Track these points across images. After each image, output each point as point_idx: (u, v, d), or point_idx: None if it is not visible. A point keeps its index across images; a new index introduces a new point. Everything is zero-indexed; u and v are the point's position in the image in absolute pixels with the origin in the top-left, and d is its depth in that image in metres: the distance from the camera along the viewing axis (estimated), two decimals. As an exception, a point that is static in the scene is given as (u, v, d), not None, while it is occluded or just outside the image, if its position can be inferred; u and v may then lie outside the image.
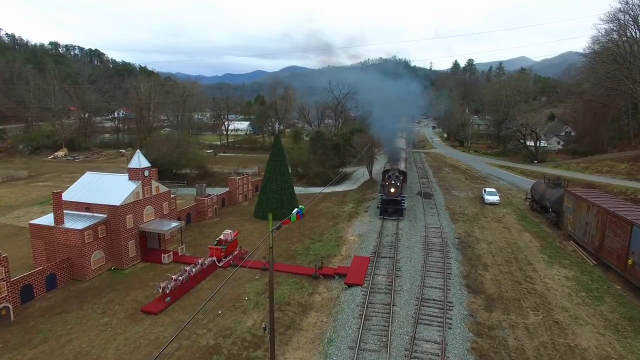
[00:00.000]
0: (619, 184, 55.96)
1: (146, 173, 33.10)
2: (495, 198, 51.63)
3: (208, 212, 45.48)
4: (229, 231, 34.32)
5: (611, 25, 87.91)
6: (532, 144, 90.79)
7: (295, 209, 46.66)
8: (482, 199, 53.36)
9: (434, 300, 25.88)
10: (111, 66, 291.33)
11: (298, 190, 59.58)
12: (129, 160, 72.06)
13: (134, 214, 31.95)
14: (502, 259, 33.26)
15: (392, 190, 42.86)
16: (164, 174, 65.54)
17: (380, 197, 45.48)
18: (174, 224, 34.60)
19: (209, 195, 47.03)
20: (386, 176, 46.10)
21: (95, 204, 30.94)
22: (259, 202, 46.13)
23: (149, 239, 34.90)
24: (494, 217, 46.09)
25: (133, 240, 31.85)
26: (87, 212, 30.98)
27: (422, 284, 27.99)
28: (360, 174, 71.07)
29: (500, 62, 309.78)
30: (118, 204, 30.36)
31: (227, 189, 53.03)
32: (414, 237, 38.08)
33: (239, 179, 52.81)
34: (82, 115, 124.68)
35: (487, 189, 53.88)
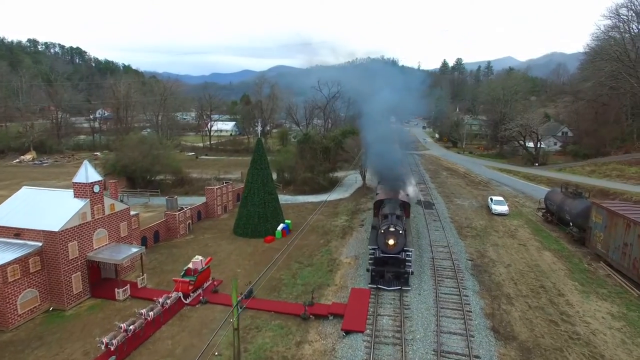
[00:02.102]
0: (636, 190, 51.30)
1: (96, 188, 26.92)
2: (504, 208, 46.50)
3: (180, 229, 39.35)
4: (200, 258, 28.32)
5: (614, 21, 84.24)
6: (531, 145, 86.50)
7: (281, 225, 40.96)
8: (489, 208, 48.25)
9: (456, 354, 20.31)
10: (93, 64, 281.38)
11: (284, 199, 53.85)
12: (98, 165, 65.80)
13: (80, 240, 25.76)
14: (527, 288, 27.91)
15: (391, 242, 26.59)
16: (136, 182, 59.38)
17: (370, 252, 27.84)
18: (134, 249, 28.47)
19: (182, 208, 40.91)
20: (380, 214, 31.11)
21: (28, 229, 24.66)
22: (239, 216, 40.14)
23: (103, 268, 28.75)
24: (505, 231, 40.87)
25: (78, 273, 25.65)
26: (16, 239, 24.69)
27: (438, 329, 22.42)
28: (353, 179, 65.44)
29: (489, 62, 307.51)
30: (57, 229, 24.14)
31: (204, 200, 46.98)
32: (420, 260, 32.55)
33: (217, 189, 46.71)
34: (56, 115, 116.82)
35: (494, 198, 48.73)
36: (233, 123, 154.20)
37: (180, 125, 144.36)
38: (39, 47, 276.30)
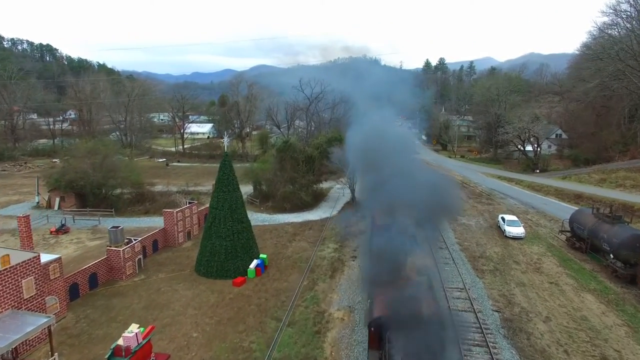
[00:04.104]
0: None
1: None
2: (519, 230, 39.55)
3: (126, 268, 30.91)
4: (135, 329, 20.08)
5: (612, 18, 79.01)
6: (529, 149, 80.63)
7: (255, 261, 32.83)
8: (500, 229, 41.43)
9: None
10: (65, 62, 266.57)
11: (261, 219, 46.06)
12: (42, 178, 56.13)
13: (-55, 317, 17.32)
14: (584, 361, 20.73)
15: None
16: (87, 199, 50.40)
17: None
18: (41, 319, 20.08)
19: (129, 240, 32.47)
20: None
21: None
22: (201, 251, 31.92)
23: (-3, 344, 20.24)
24: (528, 262, 33.85)
25: (-57, 367, 17.22)
26: None
27: None
28: (340, 192, 57.74)
29: (471, 62, 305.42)
30: None
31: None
32: (433, 311, 25.05)
33: (177, 212, 38.21)
34: (9, 116, 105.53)
35: (507, 218, 41.75)
36: (210, 125, 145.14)
37: (156, 127, 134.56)
38: (5, 43, 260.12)
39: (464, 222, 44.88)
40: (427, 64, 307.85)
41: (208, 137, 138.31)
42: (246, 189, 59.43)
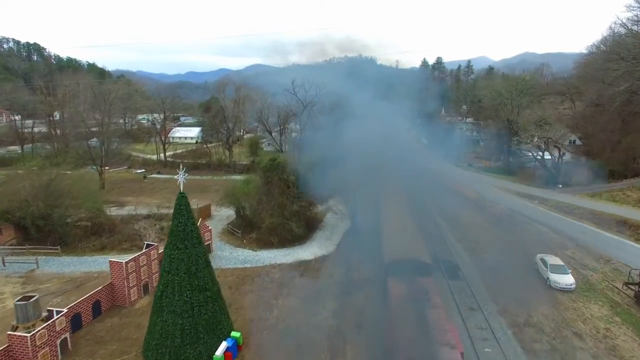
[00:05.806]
0: None
1: None
2: (568, 280, 30.97)
3: (39, 359, 21.90)
4: None
5: (636, 13, 70.98)
6: (547, 157, 72.40)
7: (224, 343, 23.61)
8: (540, 273, 33.03)
9: None
10: (54, 62, 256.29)
11: (242, 258, 37.41)
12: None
13: None
14: None
15: None
16: (30, 231, 40.94)
17: None
18: None
19: (48, 315, 23.42)
20: None
21: None
22: (150, 331, 22.93)
23: None
24: (593, 334, 25.23)
25: None
26: None
27: None
28: (338, 217, 48.88)
29: (469, 61, 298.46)
30: None
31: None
32: None
33: (127, 263, 29.09)
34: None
35: (549, 261, 33.01)
36: (199, 129, 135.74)
37: (144, 130, 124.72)
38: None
39: (491, 263, 36.09)
40: (425, 63, 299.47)
41: (196, 142, 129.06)
42: (229, 213, 50.69)
